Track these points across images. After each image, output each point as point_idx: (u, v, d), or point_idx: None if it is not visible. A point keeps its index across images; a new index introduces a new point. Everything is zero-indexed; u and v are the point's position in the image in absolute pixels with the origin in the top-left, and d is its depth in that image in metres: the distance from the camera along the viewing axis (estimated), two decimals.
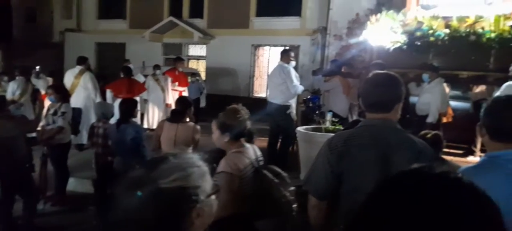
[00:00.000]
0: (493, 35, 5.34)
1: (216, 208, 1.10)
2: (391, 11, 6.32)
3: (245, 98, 12.78)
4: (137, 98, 6.88)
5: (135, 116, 4.15)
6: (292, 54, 5.87)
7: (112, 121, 4.40)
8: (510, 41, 5.25)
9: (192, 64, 14.40)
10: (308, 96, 6.55)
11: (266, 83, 13.06)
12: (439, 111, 5.54)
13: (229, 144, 2.36)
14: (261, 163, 2.43)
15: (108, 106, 4.78)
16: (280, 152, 5.71)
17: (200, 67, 14.16)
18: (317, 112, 7.79)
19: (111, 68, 12.43)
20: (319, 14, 11.83)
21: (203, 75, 13.06)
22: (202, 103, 10.26)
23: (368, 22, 6.65)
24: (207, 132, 2.85)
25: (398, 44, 5.90)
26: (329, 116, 5.07)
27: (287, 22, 12.29)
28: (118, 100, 5.61)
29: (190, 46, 14.39)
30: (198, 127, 3.89)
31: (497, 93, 4.74)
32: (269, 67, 12.83)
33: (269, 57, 12.99)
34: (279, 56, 5.94)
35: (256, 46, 13.17)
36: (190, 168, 1.04)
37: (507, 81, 5.04)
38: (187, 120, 3.89)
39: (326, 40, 11.35)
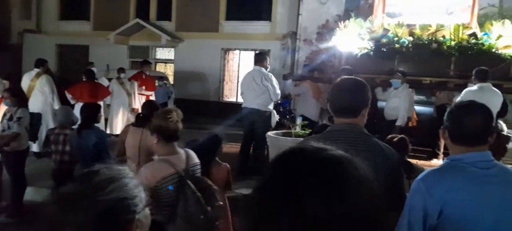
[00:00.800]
0: (453, 43, 5.63)
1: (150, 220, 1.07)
2: (358, 19, 6.51)
3: (215, 103, 12.75)
4: (100, 102, 6.69)
5: (98, 121, 4.04)
6: (268, 59, 5.94)
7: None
8: (469, 49, 5.57)
9: (160, 67, 14.19)
10: (279, 101, 6.62)
11: (237, 88, 13.17)
12: (407, 115, 5.78)
13: (159, 147, 2.30)
14: (195, 172, 2.36)
15: (72, 111, 4.62)
16: (254, 157, 5.70)
17: (168, 71, 13.97)
18: (287, 117, 7.90)
19: (73, 72, 12.01)
20: (289, 19, 12.05)
21: (171, 79, 12.90)
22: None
23: (337, 29, 6.82)
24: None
25: (366, 51, 6.09)
26: (299, 121, 5.15)
27: (257, 27, 12.40)
28: (79, 105, 5.43)
29: (157, 49, 14.18)
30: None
31: (458, 99, 5.01)
32: (239, 72, 12.88)
33: (239, 62, 13.04)
34: (252, 60, 5.97)
35: (226, 50, 13.18)
36: (125, 178, 1.02)
37: (466, 86, 5.33)
38: None
39: (296, 45, 11.55)
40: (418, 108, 7.14)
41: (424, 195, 1.59)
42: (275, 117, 5.84)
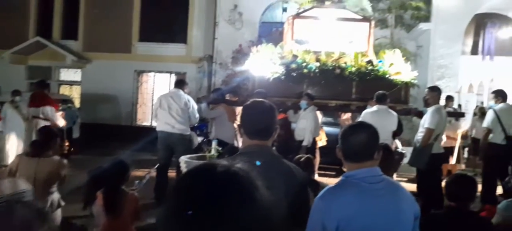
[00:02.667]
0: (353, 69, 6.27)
1: None
2: (270, 44, 6.88)
3: (128, 127, 12.17)
4: None
5: None
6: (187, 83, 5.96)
7: None
8: (367, 75, 6.25)
9: (64, 90, 13.15)
10: (195, 124, 6.61)
11: (152, 111, 12.75)
12: (313, 135, 6.19)
13: None
14: (24, 198, 2.25)
15: None
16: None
17: (74, 93, 13.01)
18: (204, 140, 7.89)
19: None
20: (205, 43, 12.20)
21: (77, 103, 12.01)
22: (76, 134, 9.39)
23: (251, 53, 7.12)
24: (80, 166, 2.66)
25: (277, 75, 6.44)
26: (214, 144, 5.18)
27: (173, 49, 12.29)
28: None
29: (61, 70, 13.16)
30: (65, 161, 3.49)
31: (359, 119, 5.54)
32: (154, 94, 12.53)
33: (154, 84, 12.70)
34: (167, 82, 5.89)
35: (140, 72, 12.77)
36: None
37: (365, 108, 5.95)
38: (51, 153, 3.48)
39: (212, 68, 11.71)
40: (327, 129, 7.70)
41: (322, 212, 1.73)
42: (197, 139, 5.81)
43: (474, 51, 10.57)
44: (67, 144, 8.18)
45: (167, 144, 5.57)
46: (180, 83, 5.81)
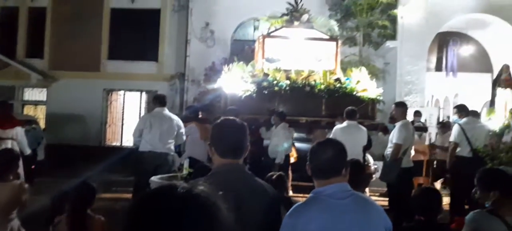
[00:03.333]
0: (322, 86, 6.46)
1: None
2: (241, 62, 7.00)
3: (96, 148, 11.86)
4: None
5: None
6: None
7: None
8: (335, 92, 6.45)
9: (28, 110, 12.71)
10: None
11: (121, 130, 12.52)
12: (285, 153, 6.28)
13: None
14: None
15: None
16: None
17: (39, 113, 12.60)
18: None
19: None
20: (177, 60, 12.19)
21: (42, 123, 11.63)
22: (41, 156, 9.07)
23: (223, 71, 7.21)
24: (45, 190, 2.58)
25: (249, 92, 6.54)
26: (186, 163, 5.16)
27: (144, 67, 12.19)
28: None
29: (26, 89, 12.74)
30: (26, 186, 3.35)
31: (330, 135, 5.66)
32: (124, 113, 12.33)
33: (124, 103, 12.50)
34: (138, 101, 5.79)
35: (109, 91, 12.55)
36: None
37: (334, 125, 6.11)
38: (12, 177, 3.33)
39: (184, 85, 11.69)
40: (298, 145, 7.81)
41: (289, 229, 1.78)
42: (179, 160, 5.73)
43: (439, 68, 11.10)
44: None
45: (153, 165, 5.31)
46: (163, 102, 5.64)
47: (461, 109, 6.08)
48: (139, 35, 12.26)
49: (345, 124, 5.59)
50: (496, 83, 9.16)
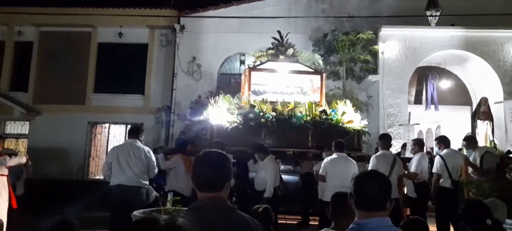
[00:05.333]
0: (308, 118, 6.50)
1: None
2: (227, 95, 7.02)
3: (79, 182, 11.54)
4: None
5: None
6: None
7: None
8: (321, 124, 6.49)
9: (10, 144, 12.35)
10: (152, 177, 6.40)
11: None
12: (273, 186, 6.19)
13: None
14: None
15: None
16: None
17: (21, 147, 12.26)
18: (161, 192, 7.62)
19: None
20: (163, 93, 12.18)
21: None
22: (20, 191, 8.73)
23: (209, 104, 7.21)
24: (23, 226, 2.43)
25: (235, 124, 6.52)
26: (170, 196, 5.02)
27: (130, 100, 12.13)
28: None
29: (8, 122, 12.45)
30: (3, 222, 3.18)
31: (321, 167, 5.63)
32: (108, 146, 12.10)
33: (108, 135, 12.30)
34: (123, 133, 5.69)
35: (94, 124, 12.37)
36: None
37: (321, 156, 6.10)
38: None
39: (170, 118, 11.63)
40: (285, 177, 7.77)
41: None
42: (154, 193, 5.55)
43: (419, 101, 11.36)
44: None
45: (123, 199, 5.07)
46: (135, 133, 5.44)
47: (441, 141, 6.19)
48: (126, 69, 12.28)
49: (335, 155, 5.60)
50: (475, 115, 9.40)
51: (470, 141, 6.00)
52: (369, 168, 5.24)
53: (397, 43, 10.47)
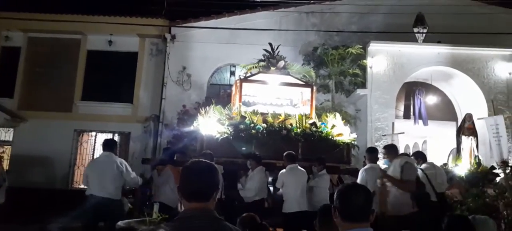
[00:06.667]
0: (299, 130, 6.51)
1: None
2: (218, 106, 6.99)
3: (63, 191, 11.26)
4: None
5: None
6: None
7: None
8: (311, 136, 6.50)
9: None
10: (133, 188, 6.33)
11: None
12: (258, 196, 6.15)
13: None
14: None
15: None
16: None
17: (4, 154, 11.93)
18: (147, 203, 7.48)
19: None
20: (152, 103, 12.06)
21: (5, 164, 10.98)
22: (1, 199, 8.48)
23: (199, 114, 7.16)
24: None
25: (226, 135, 6.48)
26: (156, 208, 4.93)
27: (118, 108, 11.97)
28: None
29: None
30: None
31: (359, 180, 5.61)
32: (94, 155, 11.88)
33: (95, 144, 12.08)
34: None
35: (80, 132, 12.14)
36: None
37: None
38: None
39: (159, 128, 11.50)
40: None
41: None
42: (127, 205, 5.58)
43: (407, 115, 11.51)
44: None
45: (95, 209, 5.31)
46: (110, 145, 5.67)
47: (418, 156, 6.25)
48: (115, 77, 12.13)
49: (288, 167, 5.77)
50: (460, 131, 9.56)
51: (389, 149, 5.54)
52: (359, 181, 5.27)
53: (385, 59, 10.64)
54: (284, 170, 5.71)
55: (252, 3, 11.81)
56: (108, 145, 5.68)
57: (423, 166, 5.98)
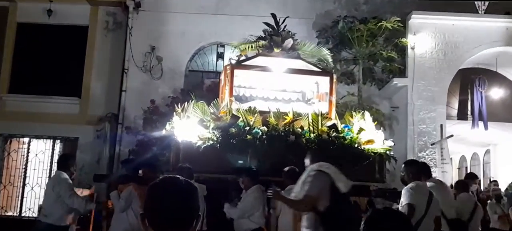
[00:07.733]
0: (312, 136, 6.51)
1: None
2: (200, 101, 6.99)
3: None
4: None
5: None
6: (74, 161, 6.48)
7: None
8: (330, 144, 6.50)
9: None
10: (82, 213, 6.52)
11: (22, 193, 11.99)
12: (240, 216, 6.20)
13: None
14: None
15: None
16: None
17: None
18: None
19: None
20: (108, 97, 12.07)
21: None
22: None
23: (174, 113, 7.16)
24: None
25: (211, 142, 6.48)
26: None
27: (60, 105, 11.98)
28: None
29: None
30: None
31: (407, 201, 5.69)
32: (28, 169, 11.88)
33: (27, 155, 12.08)
34: (50, 151, 5.84)
35: (7, 138, 12.15)
36: None
37: None
38: None
39: (117, 132, 11.51)
40: None
41: None
42: None
43: (462, 116, 11.49)
44: None
45: None
46: (60, 162, 6.35)
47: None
48: (57, 61, 12.16)
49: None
50: None
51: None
52: (407, 202, 5.27)
53: (433, 36, 10.67)
54: (282, 192, 5.70)
55: None
56: (58, 162, 6.51)
57: (429, 184, 6.04)
